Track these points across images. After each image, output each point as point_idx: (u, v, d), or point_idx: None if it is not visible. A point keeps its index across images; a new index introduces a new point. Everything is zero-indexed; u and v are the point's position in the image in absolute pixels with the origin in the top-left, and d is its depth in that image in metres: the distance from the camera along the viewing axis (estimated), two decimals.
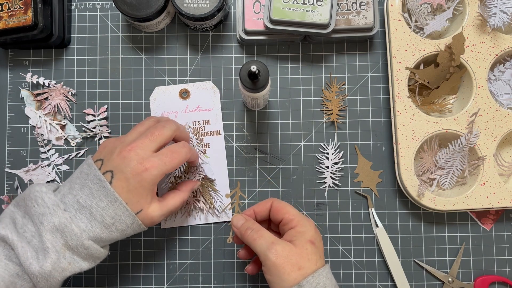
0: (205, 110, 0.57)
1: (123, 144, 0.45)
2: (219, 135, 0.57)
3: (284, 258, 0.44)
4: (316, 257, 0.45)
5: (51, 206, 0.43)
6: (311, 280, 0.44)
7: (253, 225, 0.47)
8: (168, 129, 0.47)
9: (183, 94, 0.57)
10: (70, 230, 0.42)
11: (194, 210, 0.56)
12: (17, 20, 0.52)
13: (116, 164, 0.44)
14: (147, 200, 0.45)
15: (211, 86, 0.57)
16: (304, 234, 0.46)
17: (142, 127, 0.48)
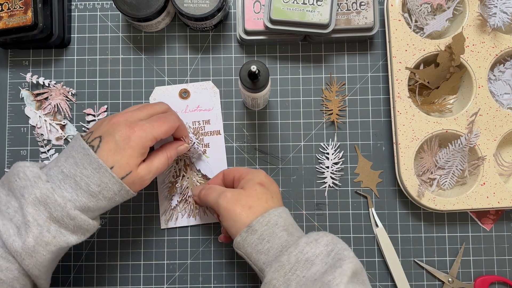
0: (205, 110, 0.57)
1: (113, 115, 0.46)
2: (219, 135, 0.57)
3: (233, 202, 0.45)
4: (267, 197, 0.46)
5: (32, 178, 0.41)
6: (260, 219, 0.44)
7: (206, 186, 0.50)
8: (160, 106, 0.49)
9: (183, 94, 0.57)
10: (53, 201, 0.41)
11: (195, 210, 0.56)
12: (17, 20, 0.52)
13: (105, 130, 0.44)
14: (136, 161, 0.44)
15: (211, 86, 0.57)
16: (253, 179, 0.47)
17: (136, 106, 0.49)
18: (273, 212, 0.45)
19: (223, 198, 0.46)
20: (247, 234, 0.44)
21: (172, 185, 0.56)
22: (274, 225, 0.44)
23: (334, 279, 0.39)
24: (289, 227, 0.45)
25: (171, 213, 0.56)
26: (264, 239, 0.43)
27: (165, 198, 0.56)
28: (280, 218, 0.45)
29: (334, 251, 0.42)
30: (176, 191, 0.56)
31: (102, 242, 0.56)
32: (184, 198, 0.56)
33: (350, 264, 0.40)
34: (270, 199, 0.46)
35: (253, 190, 0.46)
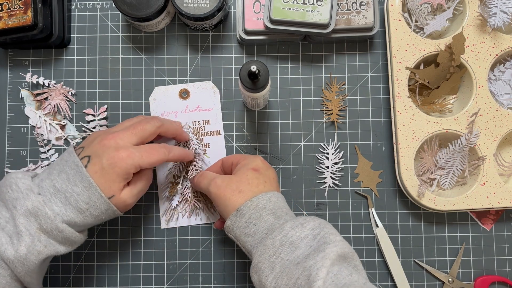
0: (205, 110, 0.57)
1: (105, 134, 0.46)
2: (219, 135, 0.57)
3: (224, 187, 0.47)
4: (258, 181, 0.47)
5: (24, 190, 0.43)
6: (249, 203, 0.45)
7: (200, 173, 0.52)
8: (151, 125, 0.48)
9: (183, 94, 0.57)
10: (44, 214, 0.42)
11: (195, 210, 0.56)
12: (17, 20, 0.52)
13: (94, 150, 0.45)
14: (119, 186, 0.45)
15: (211, 86, 0.57)
16: (247, 165, 0.48)
17: (129, 122, 0.49)
18: (262, 196, 0.46)
19: (213, 185, 0.47)
20: (236, 217, 0.45)
21: (172, 185, 0.56)
22: (261, 208, 0.45)
23: (315, 263, 0.39)
24: (278, 211, 0.45)
25: (172, 213, 0.56)
26: (251, 222, 0.44)
27: (166, 199, 0.56)
28: (269, 202, 0.46)
29: (320, 235, 0.42)
30: (177, 191, 0.56)
31: (102, 242, 0.56)
32: (184, 198, 0.56)
33: (335, 247, 0.40)
34: (262, 184, 0.47)
35: (245, 175, 0.47)
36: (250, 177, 0.47)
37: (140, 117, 0.51)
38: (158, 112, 0.57)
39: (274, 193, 0.47)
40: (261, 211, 0.45)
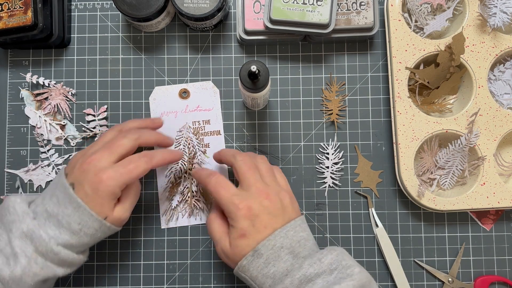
0: (205, 110, 0.57)
1: (84, 157, 0.46)
2: (219, 135, 0.57)
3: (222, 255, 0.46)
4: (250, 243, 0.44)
5: (21, 214, 0.44)
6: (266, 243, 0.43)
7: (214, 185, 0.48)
8: (128, 139, 0.47)
9: (183, 94, 0.57)
10: (38, 236, 0.43)
11: (195, 210, 0.56)
12: (17, 20, 0.52)
13: (76, 177, 0.45)
14: (109, 207, 0.45)
15: (211, 86, 0.57)
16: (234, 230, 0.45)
17: (105, 138, 0.48)
18: (279, 234, 0.44)
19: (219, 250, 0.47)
20: (253, 258, 0.44)
21: (172, 185, 0.56)
22: (279, 248, 0.44)
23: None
24: (296, 247, 0.44)
25: (172, 213, 0.56)
26: (269, 263, 0.44)
27: (166, 199, 0.56)
28: (286, 239, 0.44)
29: (338, 269, 0.42)
30: (177, 191, 0.56)
31: (102, 242, 0.56)
32: (184, 198, 0.56)
33: (351, 281, 0.41)
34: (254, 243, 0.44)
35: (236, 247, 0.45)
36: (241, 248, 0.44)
37: (115, 128, 0.50)
38: (158, 112, 0.57)
39: (291, 224, 0.45)
40: (279, 251, 0.44)
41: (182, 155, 0.53)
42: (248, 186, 0.46)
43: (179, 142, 0.56)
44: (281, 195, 0.46)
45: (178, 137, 0.56)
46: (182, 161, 0.56)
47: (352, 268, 0.42)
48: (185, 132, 0.56)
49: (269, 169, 0.49)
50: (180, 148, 0.56)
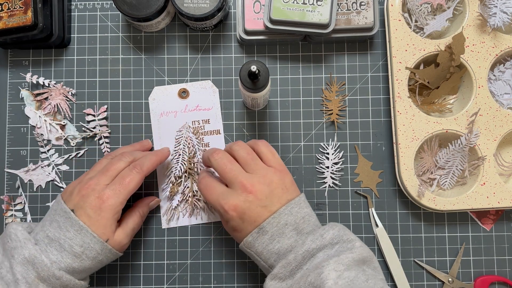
0: (204, 110, 0.57)
1: (81, 184, 0.47)
2: (219, 135, 0.57)
3: None
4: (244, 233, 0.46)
5: (22, 240, 0.44)
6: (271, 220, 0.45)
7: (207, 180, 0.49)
8: (123, 162, 0.49)
9: (182, 94, 0.57)
10: (40, 261, 0.43)
11: (196, 210, 0.56)
12: (17, 20, 0.52)
13: (75, 203, 0.46)
14: (111, 229, 0.47)
15: (210, 85, 0.57)
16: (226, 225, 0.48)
17: (100, 165, 0.50)
18: (283, 211, 0.45)
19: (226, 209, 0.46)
20: (258, 234, 0.45)
21: (173, 185, 0.56)
22: (284, 225, 0.45)
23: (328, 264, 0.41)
24: (300, 223, 0.46)
25: (172, 213, 0.56)
26: (274, 240, 0.45)
27: (166, 198, 0.56)
28: (290, 216, 0.45)
29: (339, 244, 0.44)
30: (177, 191, 0.56)
31: None
32: (185, 198, 0.56)
33: (350, 254, 0.42)
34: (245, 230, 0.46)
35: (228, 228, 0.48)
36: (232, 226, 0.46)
37: (108, 156, 0.52)
38: (158, 112, 0.57)
39: (295, 201, 0.46)
40: (284, 228, 0.45)
41: (168, 151, 0.54)
42: (230, 183, 0.46)
43: (179, 141, 0.56)
44: (267, 179, 0.46)
45: (178, 136, 0.56)
46: (182, 161, 0.56)
47: (353, 243, 0.44)
48: (184, 132, 0.56)
49: (247, 154, 0.48)
50: (180, 147, 0.56)
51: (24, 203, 0.57)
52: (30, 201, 0.57)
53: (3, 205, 0.57)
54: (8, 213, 0.56)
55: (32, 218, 0.56)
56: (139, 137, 0.57)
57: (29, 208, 0.57)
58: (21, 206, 0.57)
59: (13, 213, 0.56)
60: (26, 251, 0.43)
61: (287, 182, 0.47)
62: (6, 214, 0.56)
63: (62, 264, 0.44)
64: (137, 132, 0.57)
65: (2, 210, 0.57)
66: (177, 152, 0.56)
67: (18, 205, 0.57)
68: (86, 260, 0.45)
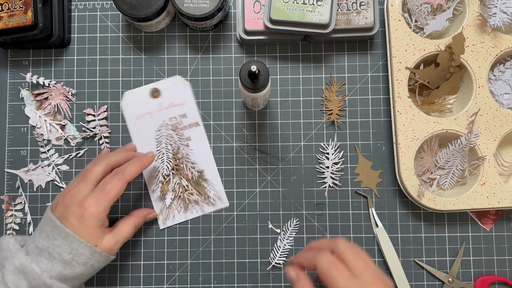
0: (179, 105, 0.57)
1: (64, 194, 0.48)
2: (198, 126, 0.57)
3: None
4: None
5: (14, 250, 0.45)
6: None
7: None
8: (100, 166, 0.49)
9: (154, 93, 0.57)
10: (31, 270, 0.43)
11: (190, 204, 0.56)
12: (17, 20, 0.52)
13: (60, 212, 0.46)
14: (98, 235, 0.47)
15: (179, 79, 0.57)
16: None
17: (82, 173, 0.50)
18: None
19: None
20: None
21: (162, 184, 0.56)
22: None
23: None
24: None
25: (168, 211, 0.56)
26: None
27: (159, 199, 0.56)
28: None
29: None
30: (168, 190, 0.56)
31: None
32: (177, 194, 0.56)
33: None
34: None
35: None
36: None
37: (92, 161, 0.52)
38: (133, 116, 0.57)
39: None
40: None
41: (153, 155, 0.54)
42: (360, 272, 0.41)
43: (159, 141, 0.56)
44: (387, 283, 0.43)
45: (158, 136, 0.56)
46: (168, 159, 0.56)
47: None
48: (163, 130, 0.56)
49: (355, 253, 0.43)
50: (163, 146, 0.56)
51: (24, 203, 0.57)
52: (30, 201, 0.57)
53: (3, 205, 0.57)
54: (8, 213, 0.56)
55: (32, 218, 0.56)
56: None
57: (29, 208, 0.57)
58: (21, 206, 0.57)
59: (13, 213, 0.56)
60: (17, 261, 0.44)
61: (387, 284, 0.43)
62: (6, 214, 0.56)
63: (53, 273, 0.44)
64: None
65: (2, 210, 0.57)
66: (160, 151, 0.56)
67: (18, 205, 0.57)
68: (77, 266, 0.45)
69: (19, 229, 0.56)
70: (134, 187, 0.56)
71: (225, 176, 0.57)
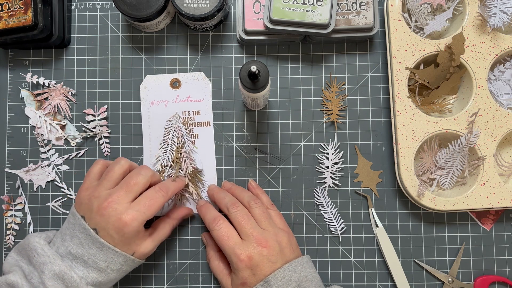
0: (195, 101, 0.57)
1: (99, 200, 0.46)
2: (208, 126, 0.57)
3: None
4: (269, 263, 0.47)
5: (51, 256, 0.45)
6: (276, 275, 0.46)
7: (218, 222, 0.50)
8: (143, 176, 0.49)
9: (174, 84, 0.57)
10: (70, 277, 0.44)
11: (182, 201, 0.56)
12: (17, 20, 0.52)
13: (97, 222, 0.46)
14: (136, 243, 0.48)
15: (202, 77, 0.57)
16: (235, 277, 0.48)
17: (114, 174, 0.49)
18: (288, 267, 0.47)
19: None
20: (263, 287, 0.46)
21: (159, 173, 0.55)
22: (288, 281, 0.46)
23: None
24: (303, 282, 0.47)
25: None
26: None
27: None
28: (294, 273, 0.47)
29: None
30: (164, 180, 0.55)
31: None
32: None
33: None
34: (278, 259, 0.47)
35: None
36: None
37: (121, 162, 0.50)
38: (148, 100, 0.57)
39: (299, 261, 0.48)
40: (288, 283, 0.46)
41: (185, 181, 0.55)
42: (246, 236, 0.48)
43: (168, 131, 0.56)
44: (278, 238, 0.49)
45: (168, 126, 0.56)
46: (171, 150, 0.56)
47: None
48: (174, 122, 0.56)
49: (263, 212, 0.51)
50: (169, 137, 0.56)
51: (24, 203, 0.57)
52: (30, 201, 0.57)
53: (3, 205, 0.57)
54: (8, 213, 0.56)
55: (32, 218, 0.56)
56: (139, 137, 0.57)
57: (29, 208, 0.57)
58: (21, 206, 0.57)
59: (13, 213, 0.56)
60: (56, 267, 0.44)
61: (293, 244, 0.50)
62: (6, 214, 0.56)
63: (89, 279, 0.45)
64: (137, 132, 0.57)
65: (2, 210, 0.57)
66: (166, 141, 0.56)
67: (18, 205, 0.57)
68: (111, 273, 0.46)
69: (19, 229, 0.56)
70: None
71: (225, 176, 0.57)
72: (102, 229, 0.45)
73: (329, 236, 0.56)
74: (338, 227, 0.56)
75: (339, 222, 0.56)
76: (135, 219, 0.46)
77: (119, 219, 0.45)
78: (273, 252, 0.47)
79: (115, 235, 0.45)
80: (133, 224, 0.46)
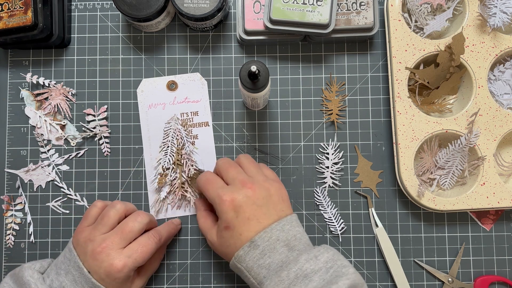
0: (193, 102, 0.57)
1: (93, 244, 0.47)
2: (207, 127, 0.57)
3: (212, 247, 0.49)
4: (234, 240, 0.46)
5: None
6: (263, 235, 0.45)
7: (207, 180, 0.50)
8: (139, 223, 0.49)
9: (171, 86, 0.57)
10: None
11: (184, 202, 0.56)
12: (17, 20, 0.52)
13: (90, 264, 0.46)
14: (127, 286, 0.49)
15: (198, 77, 0.57)
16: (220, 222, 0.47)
17: (109, 220, 0.49)
18: (276, 227, 0.45)
19: None
20: (250, 248, 0.45)
21: (161, 176, 0.56)
22: (275, 240, 0.45)
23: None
24: (292, 240, 0.45)
25: (161, 205, 0.56)
26: (265, 254, 0.44)
27: (154, 190, 0.56)
28: (282, 232, 0.45)
29: (333, 268, 0.43)
30: (165, 183, 0.56)
31: None
32: (173, 189, 0.56)
33: (347, 280, 0.41)
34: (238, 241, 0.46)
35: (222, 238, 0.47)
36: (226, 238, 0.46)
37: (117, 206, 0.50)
38: (146, 104, 0.57)
39: (287, 219, 0.47)
40: (275, 243, 0.45)
41: (180, 223, 0.55)
42: (232, 180, 0.48)
43: (167, 133, 0.56)
44: (267, 184, 0.48)
45: (166, 128, 0.56)
46: (171, 152, 0.56)
47: (347, 268, 0.43)
48: (173, 124, 0.56)
49: (251, 162, 0.51)
50: (169, 139, 0.56)
51: (24, 203, 0.57)
52: (30, 201, 0.57)
53: (3, 205, 0.57)
54: (8, 213, 0.56)
55: (32, 218, 0.56)
56: (139, 137, 0.57)
57: (29, 208, 0.57)
58: (21, 206, 0.57)
59: (13, 213, 0.56)
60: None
61: (283, 194, 0.49)
62: (6, 214, 0.56)
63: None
64: (137, 132, 0.57)
65: (2, 210, 0.57)
66: (166, 144, 0.56)
67: (18, 205, 0.57)
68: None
69: (19, 229, 0.56)
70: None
71: None
72: (95, 272, 0.46)
73: (329, 236, 0.56)
74: (338, 227, 0.56)
75: (339, 222, 0.56)
76: (127, 266, 0.46)
77: (111, 264, 0.46)
78: (259, 196, 0.46)
79: (107, 279, 0.46)
80: (124, 270, 0.46)
